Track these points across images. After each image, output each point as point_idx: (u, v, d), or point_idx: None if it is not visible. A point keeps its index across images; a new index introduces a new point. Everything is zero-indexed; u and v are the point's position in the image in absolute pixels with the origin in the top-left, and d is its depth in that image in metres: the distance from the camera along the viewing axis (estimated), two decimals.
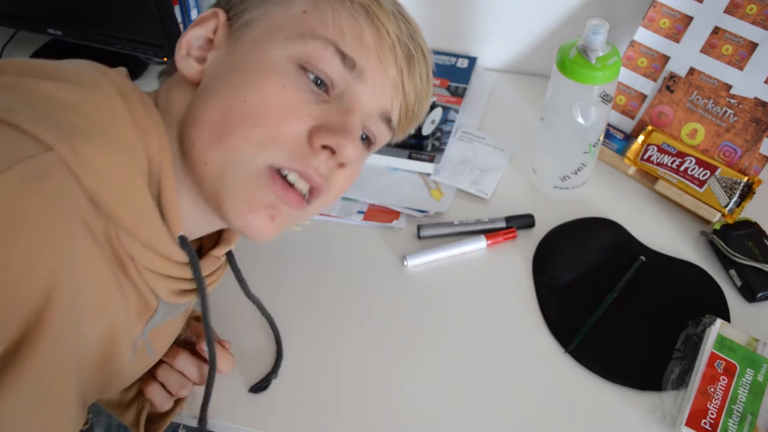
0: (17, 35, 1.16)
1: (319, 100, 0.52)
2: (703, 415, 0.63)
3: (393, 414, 0.67)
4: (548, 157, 0.85)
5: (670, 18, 0.86)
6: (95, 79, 0.49)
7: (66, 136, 0.42)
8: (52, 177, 0.41)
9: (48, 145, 0.41)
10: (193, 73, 0.54)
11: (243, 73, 0.51)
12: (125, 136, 0.47)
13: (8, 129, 0.41)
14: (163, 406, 0.64)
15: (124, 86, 0.50)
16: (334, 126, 0.51)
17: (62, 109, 0.45)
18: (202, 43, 0.55)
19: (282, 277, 0.78)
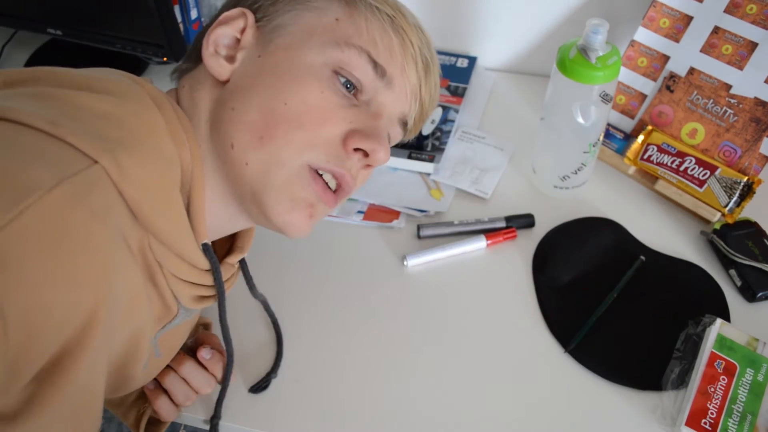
0: (17, 35, 1.16)
1: (350, 104, 0.54)
2: (703, 415, 0.63)
3: (393, 413, 0.67)
4: (548, 157, 0.85)
5: (670, 18, 0.86)
6: (132, 90, 0.49)
7: (109, 149, 0.43)
8: (97, 192, 0.42)
9: (92, 159, 0.42)
10: (223, 72, 0.55)
11: (280, 77, 0.53)
12: (163, 147, 0.48)
13: (53, 142, 0.42)
14: (168, 417, 0.65)
15: (157, 96, 0.51)
16: (367, 130, 0.54)
17: (104, 121, 0.45)
18: (230, 42, 0.56)
19: (282, 276, 0.78)
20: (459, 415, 0.66)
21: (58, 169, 0.40)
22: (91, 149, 0.42)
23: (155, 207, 0.47)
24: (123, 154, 0.44)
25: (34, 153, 0.40)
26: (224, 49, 0.56)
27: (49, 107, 0.44)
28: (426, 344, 0.72)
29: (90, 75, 0.49)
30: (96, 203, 0.41)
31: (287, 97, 0.52)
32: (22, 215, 0.37)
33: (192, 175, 0.51)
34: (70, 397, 0.41)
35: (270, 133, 0.52)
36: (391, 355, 0.71)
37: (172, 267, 0.51)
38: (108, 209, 0.42)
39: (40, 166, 0.39)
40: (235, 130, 0.52)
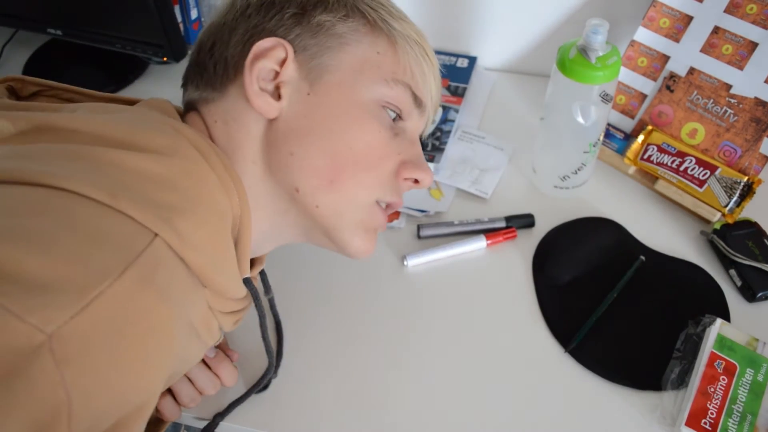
0: (17, 35, 1.16)
1: (394, 135, 0.57)
2: (703, 415, 0.63)
3: (393, 413, 0.67)
4: (548, 157, 0.85)
5: (670, 17, 0.86)
6: (177, 143, 0.48)
7: (167, 218, 0.43)
8: (161, 270, 0.42)
9: (152, 232, 0.42)
10: (271, 110, 0.53)
11: (339, 119, 0.54)
12: (215, 201, 0.49)
13: (114, 216, 0.41)
14: (172, 417, 0.65)
15: (200, 144, 0.50)
16: (414, 159, 0.59)
17: (156, 186, 0.44)
18: (269, 75, 0.54)
19: (281, 276, 0.78)
20: (459, 414, 0.66)
21: (125, 252, 0.40)
22: (151, 221, 0.42)
23: (214, 265, 0.48)
24: (180, 221, 0.44)
25: (100, 232, 0.40)
26: (267, 85, 0.54)
27: (101, 173, 0.43)
28: (426, 344, 0.72)
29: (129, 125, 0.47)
30: (161, 282, 0.41)
31: (350, 140, 0.54)
32: (92, 304, 0.37)
33: (240, 219, 0.52)
34: None
35: (339, 177, 0.54)
36: (390, 354, 0.71)
37: (221, 306, 0.54)
38: (171, 285, 0.43)
39: (108, 250, 0.39)
40: (300, 176, 0.53)
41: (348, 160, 0.54)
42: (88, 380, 0.37)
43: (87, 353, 0.37)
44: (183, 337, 0.46)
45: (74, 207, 0.40)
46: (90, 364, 0.37)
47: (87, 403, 0.37)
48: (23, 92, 0.57)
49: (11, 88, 0.56)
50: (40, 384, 0.35)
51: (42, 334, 0.35)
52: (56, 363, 0.35)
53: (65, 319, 0.36)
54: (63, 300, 0.36)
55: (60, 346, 0.35)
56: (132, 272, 0.39)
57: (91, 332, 0.37)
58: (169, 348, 0.42)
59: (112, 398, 0.39)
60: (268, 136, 0.54)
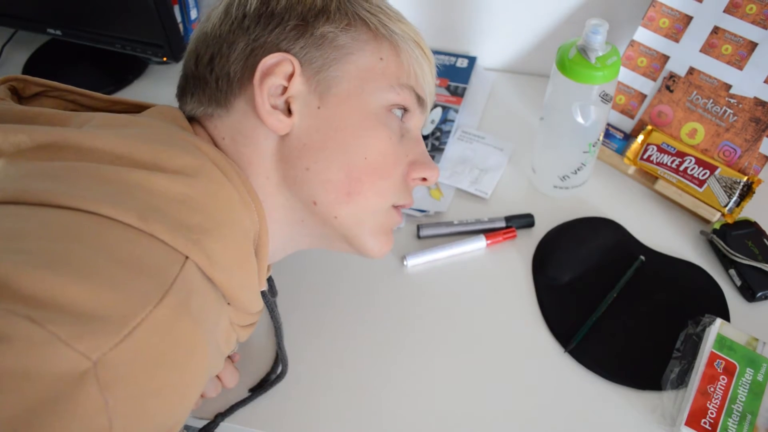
0: (17, 35, 1.16)
1: (401, 134, 0.58)
2: (703, 415, 0.63)
3: (393, 413, 0.67)
4: (548, 157, 0.85)
5: (670, 17, 0.86)
6: (199, 163, 0.48)
7: (196, 240, 0.44)
8: (194, 294, 0.43)
9: (183, 255, 0.43)
10: (283, 128, 0.53)
11: (352, 131, 0.54)
12: (239, 220, 0.49)
13: (146, 239, 0.41)
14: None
15: (221, 162, 0.50)
16: (421, 159, 0.60)
17: (183, 207, 0.45)
18: (278, 91, 0.53)
19: (281, 277, 0.78)
20: (459, 414, 0.66)
21: (161, 278, 0.41)
22: (182, 244, 0.43)
23: (239, 284, 0.49)
24: (209, 242, 0.45)
25: (133, 257, 0.40)
26: (277, 101, 0.53)
27: (130, 196, 0.43)
28: (426, 344, 0.72)
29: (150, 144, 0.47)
30: (195, 308, 0.42)
31: (365, 151, 0.54)
32: (135, 331, 0.37)
33: (259, 234, 0.53)
34: None
35: (356, 189, 0.55)
36: (390, 354, 0.71)
37: (240, 321, 0.55)
38: (203, 308, 0.44)
39: (143, 276, 0.40)
40: (318, 190, 0.54)
41: (364, 172, 0.55)
42: (130, 407, 0.38)
43: (130, 380, 0.37)
44: (213, 358, 0.47)
45: (107, 232, 0.41)
46: (132, 391, 0.38)
47: (128, 426, 0.38)
48: (25, 92, 0.57)
49: (13, 88, 0.56)
50: (85, 409, 0.35)
51: (88, 361, 0.35)
52: (101, 389, 0.36)
53: (110, 346, 0.36)
54: (107, 328, 0.37)
55: (104, 372, 0.36)
56: (170, 299, 0.40)
57: (133, 359, 0.37)
58: (205, 371, 0.44)
59: (150, 423, 0.39)
60: (280, 151, 0.54)
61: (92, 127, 0.49)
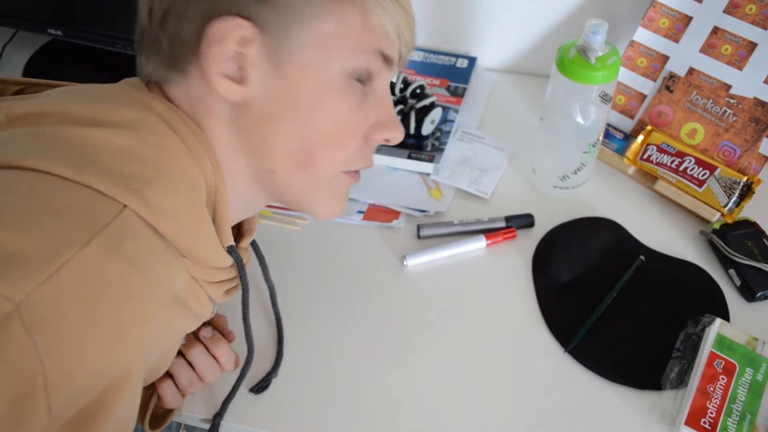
0: (17, 35, 1.16)
1: (363, 97, 0.55)
2: (703, 415, 0.63)
3: (393, 412, 0.67)
4: (548, 157, 0.85)
5: (670, 18, 0.86)
6: (142, 116, 0.48)
7: (135, 189, 0.43)
8: (131, 238, 0.42)
9: (121, 203, 0.42)
10: (236, 97, 0.50)
11: (308, 103, 0.52)
12: (186, 171, 0.48)
13: (80, 189, 0.42)
14: (173, 403, 0.64)
15: (169, 116, 0.49)
16: (383, 120, 0.57)
17: (124, 158, 0.44)
18: (231, 57, 0.50)
19: (282, 276, 0.78)
20: (459, 414, 0.66)
21: (90, 222, 0.40)
22: (119, 192, 0.42)
23: (189, 233, 0.48)
24: (149, 191, 0.44)
25: (64, 206, 0.40)
26: (229, 69, 0.50)
27: (67, 150, 0.43)
28: (426, 344, 0.72)
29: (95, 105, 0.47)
30: (131, 251, 0.41)
31: (320, 122, 0.53)
32: (59, 272, 0.37)
33: (216, 187, 0.52)
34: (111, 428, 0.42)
35: (310, 159, 0.54)
36: (390, 354, 0.71)
37: (205, 276, 0.53)
38: (143, 254, 0.43)
39: (72, 221, 0.40)
40: (275, 160, 0.53)
41: (319, 143, 0.53)
42: (61, 347, 0.37)
43: (57, 320, 0.37)
44: (163, 307, 0.46)
45: (39, 184, 0.41)
46: (61, 331, 0.37)
47: (62, 370, 0.37)
48: (6, 93, 0.57)
49: None
50: (12, 351, 0.35)
51: (10, 303, 0.35)
52: (27, 330, 0.36)
53: (33, 287, 0.36)
54: (29, 269, 0.37)
55: (29, 313, 0.36)
56: (98, 241, 0.40)
57: (59, 300, 0.37)
58: (145, 315, 0.42)
59: (89, 366, 0.39)
60: (237, 119, 0.52)
61: (44, 96, 0.49)
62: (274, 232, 0.84)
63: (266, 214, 0.86)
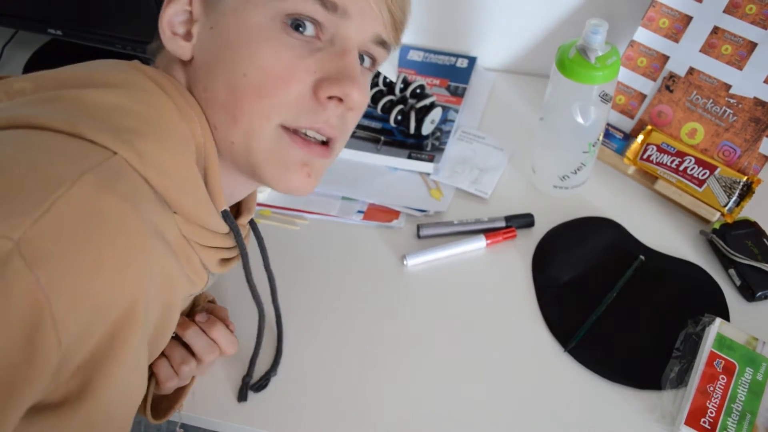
0: (17, 35, 1.16)
1: (312, 50, 0.51)
2: (703, 414, 0.63)
3: (393, 412, 0.67)
4: (548, 157, 0.85)
5: (670, 18, 0.86)
6: (133, 77, 0.50)
7: (126, 139, 0.44)
8: (123, 179, 0.43)
9: (112, 151, 0.43)
10: (184, 53, 0.53)
11: (233, 47, 0.51)
12: (176, 127, 0.49)
13: (73, 140, 0.43)
14: (168, 383, 0.64)
15: (158, 77, 0.51)
16: (335, 75, 0.51)
17: (116, 113, 0.46)
18: (184, 17, 0.53)
19: (282, 276, 0.78)
20: (459, 414, 0.66)
21: (82, 162, 0.41)
22: (110, 141, 0.43)
23: (180, 187, 0.48)
24: (140, 142, 0.45)
25: (55, 151, 0.42)
26: (180, 27, 0.53)
27: (61, 109, 0.45)
28: (426, 343, 0.72)
29: (87, 72, 0.50)
30: (124, 189, 0.42)
31: (245, 67, 0.50)
32: (53, 207, 0.38)
33: (205, 147, 0.52)
34: (123, 377, 0.43)
35: (239, 109, 0.51)
36: (390, 354, 0.71)
37: (197, 237, 0.53)
38: (137, 193, 0.44)
39: (64, 161, 0.41)
40: (212, 112, 0.53)
41: (243, 90, 0.50)
42: (64, 280, 0.38)
43: (58, 254, 0.38)
44: (158, 246, 0.46)
45: (34, 136, 0.42)
46: (63, 265, 0.38)
47: (68, 303, 0.38)
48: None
49: None
50: (17, 287, 0.36)
51: (9, 241, 0.36)
52: (29, 266, 0.36)
53: (29, 223, 0.37)
54: (23, 207, 0.37)
55: (29, 250, 0.36)
56: (89, 177, 0.41)
57: (58, 234, 0.38)
58: (142, 246, 0.43)
59: (93, 298, 0.40)
60: (191, 77, 0.54)
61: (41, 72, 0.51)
62: (274, 232, 0.84)
63: (266, 214, 0.86)
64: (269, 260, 0.68)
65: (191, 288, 0.56)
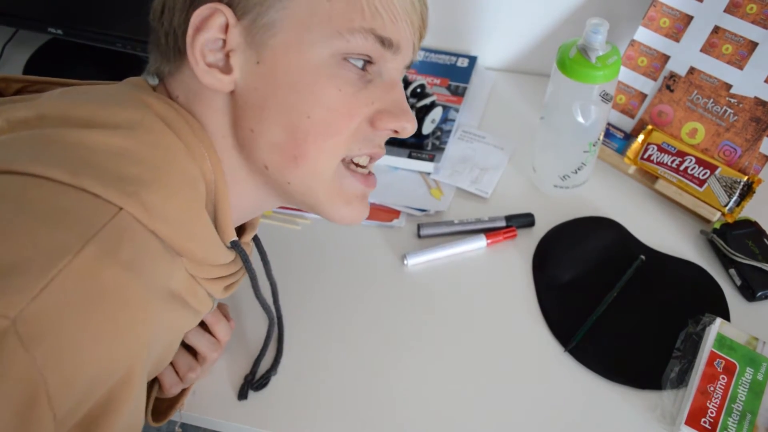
0: (18, 34, 1.16)
1: (365, 82, 0.52)
2: (703, 414, 0.63)
3: (393, 412, 0.67)
4: (548, 156, 0.85)
5: (670, 17, 0.86)
6: (140, 115, 0.47)
7: (131, 191, 0.43)
8: (125, 243, 0.41)
9: (117, 206, 0.42)
10: (224, 86, 0.49)
11: (292, 88, 0.49)
12: (184, 170, 0.47)
13: (75, 194, 0.41)
14: (172, 389, 0.64)
15: (166, 113, 0.49)
16: (391, 108, 0.53)
17: (121, 159, 0.44)
18: (216, 46, 0.49)
19: (282, 276, 0.78)
20: (459, 413, 0.66)
21: (83, 228, 0.40)
22: (114, 195, 0.42)
23: (186, 235, 0.47)
24: (147, 193, 0.43)
25: (57, 212, 0.40)
26: (214, 58, 0.49)
27: (63, 153, 0.43)
28: (426, 343, 0.72)
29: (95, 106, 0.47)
30: (126, 255, 0.41)
31: (308, 109, 0.49)
32: (53, 282, 0.37)
33: (215, 184, 0.51)
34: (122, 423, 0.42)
35: (301, 150, 0.50)
36: (390, 353, 0.71)
37: (203, 273, 0.52)
38: (139, 257, 0.42)
39: (65, 228, 0.39)
40: (265, 153, 0.51)
41: (307, 131, 0.50)
42: (60, 358, 0.37)
43: (54, 332, 0.37)
44: (162, 307, 0.45)
45: (33, 189, 0.40)
46: (59, 343, 0.37)
47: (64, 381, 0.37)
48: (8, 91, 0.57)
49: None
50: (12, 368, 0.35)
51: (5, 320, 0.35)
52: (24, 346, 0.35)
53: (27, 301, 0.36)
54: (22, 283, 0.36)
55: (25, 328, 0.35)
56: (92, 247, 0.39)
57: (55, 311, 0.37)
58: (143, 319, 0.42)
59: (90, 372, 0.39)
60: (230, 110, 0.51)
61: (45, 98, 0.49)
62: (275, 232, 0.84)
63: (267, 214, 0.86)
64: (272, 270, 0.68)
65: (196, 320, 0.57)
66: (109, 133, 0.45)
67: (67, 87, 0.52)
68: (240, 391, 0.68)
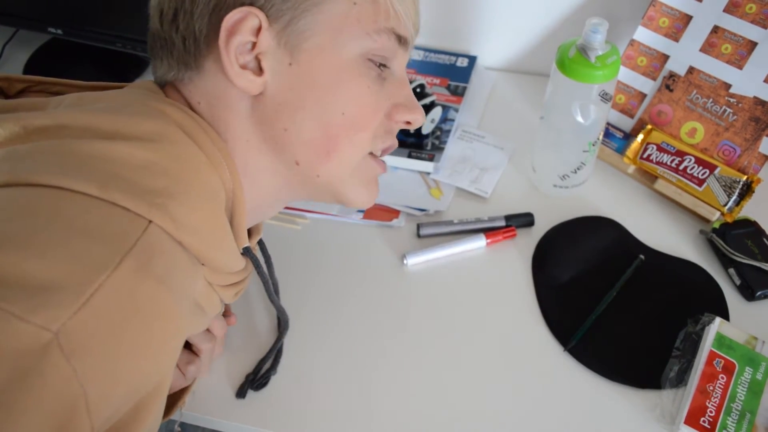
0: (18, 34, 1.16)
1: (382, 80, 0.55)
2: (702, 414, 0.63)
3: (393, 412, 0.67)
4: (548, 156, 0.85)
5: (670, 17, 0.86)
6: (162, 127, 0.48)
7: (159, 204, 0.44)
8: (158, 256, 0.43)
9: (146, 219, 0.43)
10: (255, 88, 0.51)
11: (327, 87, 0.52)
12: (206, 181, 0.49)
13: (106, 207, 0.42)
14: (175, 385, 0.64)
15: (187, 124, 0.49)
16: (405, 102, 0.58)
17: (146, 172, 0.45)
18: (246, 48, 0.50)
19: (282, 275, 0.78)
20: (459, 413, 0.67)
21: (119, 242, 0.41)
22: (144, 209, 0.43)
23: (210, 244, 0.49)
24: (173, 205, 0.44)
25: (92, 226, 0.41)
26: (247, 60, 0.50)
27: (91, 166, 0.43)
28: (425, 343, 0.72)
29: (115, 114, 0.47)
30: (159, 269, 0.42)
31: (342, 106, 0.53)
32: (93, 297, 0.38)
33: (234, 192, 0.52)
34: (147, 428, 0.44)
35: (334, 145, 0.53)
36: (390, 353, 0.72)
37: (221, 281, 0.55)
38: (170, 269, 0.44)
39: (101, 242, 0.40)
40: (298, 150, 0.53)
41: (342, 128, 0.53)
42: (100, 371, 0.38)
43: (95, 345, 0.38)
44: (187, 316, 0.47)
45: (65, 204, 0.41)
46: (100, 355, 0.38)
47: (103, 392, 0.38)
48: (11, 91, 0.57)
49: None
50: (54, 380, 0.36)
51: (48, 333, 0.36)
52: (66, 358, 0.36)
53: (69, 315, 0.37)
54: (64, 297, 0.37)
55: (67, 341, 0.36)
56: (128, 262, 0.40)
57: (96, 325, 0.38)
58: (176, 329, 0.44)
59: (127, 385, 0.40)
60: (257, 112, 0.52)
61: (62, 107, 0.49)
62: (275, 231, 0.84)
63: None
64: (274, 271, 0.69)
65: (207, 323, 0.59)
66: (134, 145, 0.45)
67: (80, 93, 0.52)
68: (239, 390, 0.68)
